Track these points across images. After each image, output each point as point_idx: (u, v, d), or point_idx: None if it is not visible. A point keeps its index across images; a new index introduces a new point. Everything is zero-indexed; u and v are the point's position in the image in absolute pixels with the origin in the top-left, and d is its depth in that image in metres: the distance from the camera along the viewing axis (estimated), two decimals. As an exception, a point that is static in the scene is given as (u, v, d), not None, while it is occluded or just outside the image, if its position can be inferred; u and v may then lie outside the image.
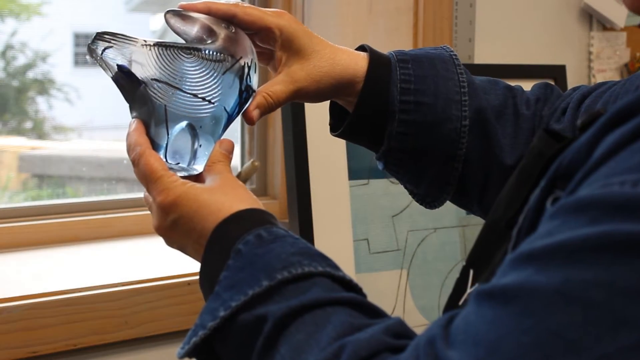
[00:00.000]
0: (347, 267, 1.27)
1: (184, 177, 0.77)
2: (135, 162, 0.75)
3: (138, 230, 1.48)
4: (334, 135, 0.90)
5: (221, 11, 0.81)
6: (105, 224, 1.47)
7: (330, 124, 0.91)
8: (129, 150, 0.77)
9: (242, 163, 1.62)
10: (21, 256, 1.35)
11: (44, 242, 1.41)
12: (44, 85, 3.12)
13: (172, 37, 0.85)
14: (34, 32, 2.89)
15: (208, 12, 0.81)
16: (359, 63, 0.85)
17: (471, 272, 0.67)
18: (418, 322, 1.33)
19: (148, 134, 0.77)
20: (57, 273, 1.26)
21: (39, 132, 2.95)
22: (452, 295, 0.69)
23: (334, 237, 1.27)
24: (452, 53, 0.89)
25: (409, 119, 0.85)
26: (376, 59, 0.86)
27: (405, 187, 0.93)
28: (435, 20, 1.51)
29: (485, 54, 1.61)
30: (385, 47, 0.91)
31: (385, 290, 1.31)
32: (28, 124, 3.00)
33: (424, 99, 0.85)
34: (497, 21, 1.65)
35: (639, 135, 0.47)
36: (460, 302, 0.67)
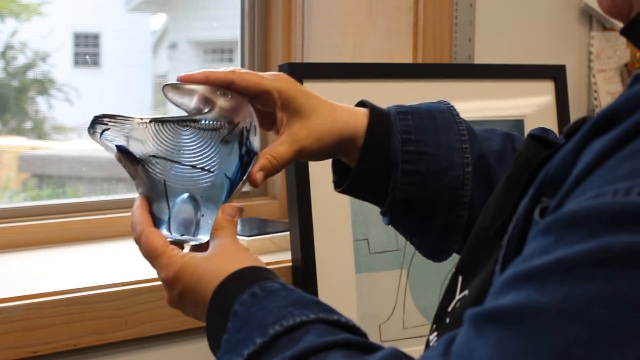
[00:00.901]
0: (347, 267, 1.27)
1: (193, 247, 0.80)
2: (137, 241, 0.79)
3: (138, 230, 1.48)
4: (338, 192, 0.91)
5: (219, 79, 0.82)
6: (105, 224, 1.47)
7: (334, 181, 0.92)
8: (132, 229, 0.80)
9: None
10: (21, 256, 1.35)
11: (44, 242, 1.41)
12: (44, 85, 3.12)
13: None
14: (34, 32, 2.89)
15: (206, 81, 0.82)
16: (359, 119, 0.86)
17: (460, 278, 0.67)
18: (418, 322, 1.33)
19: (151, 209, 0.79)
20: (57, 273, 1.26)
21: (39, 132, 2.95)
22: (441, 302, 0.69)
23: (334, 237, 1.27)
24: (449, 105, 0.90)
25: (412, 169, 0.85)
26: (376, 113, 0.87)
27: (412, 242, 0.93)
28: (435, 20, 1.51)
29: (485, 54, 1.61)
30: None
31: (385, 290, 1.31)
32: (28, 124, 3.00)
33: (426, 149, 0.85)
34: (497, 21, 1.65)
35: (625, 143, 0.47)
36: (449, 309, 0.67)
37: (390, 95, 1.31)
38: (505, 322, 0.45)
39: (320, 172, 1.24)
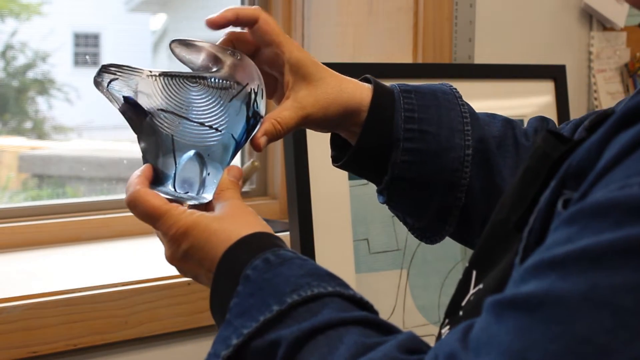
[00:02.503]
0: (347, 267, 1.27)
1: (192, 206, 0.78)
2: (132, 205, 0.75)
3: (138, 230, 1.48)
4: (336, 166, 0.90)
5: (247, 15, 0.81)
6: (105, 224, 1.47)
7: (332, 156, 0.91)
8: (126, 191, 0.77)
9: (243, 163, 1.62)
10: (21, 256, 1.35)
11: (44, 242, 1.41)
12: (44, 85, 3.12)
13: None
14: (34, 32, 2.89)
15: (236, 18, 0.81)
16: (364, 92, 0.86)
17: (474, 272, 0.67)
18: (418, 322, 1.33)
19: (156, 164, 0.78)
20: (57, 273, 1.26)
21: (39, 132, 2.95)
22: (454, 296, 0.69)
23: (334, 237, 1.27)
24: (452, 87, 0.90)
25: (413, 147, 0.85)
26: (380, 89, 0.87)
27: (405, 223, 0.92)
28: (435, 20, 1.51)
29: (485, 54, 1.61)
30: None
31: (385, 290, 1.31)
32: (28, 124, 3.00)
33: (428, 128, 0.85)
34: (497, 21, 1.65)
35: None
36: (463, 303, 0.67)
37: (390, 95, 1.31)
38: (526, 308, 0.45)
39: (321, 172, 1.24)
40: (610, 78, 1.84)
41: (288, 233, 1.26)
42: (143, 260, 1.34)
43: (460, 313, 0.66)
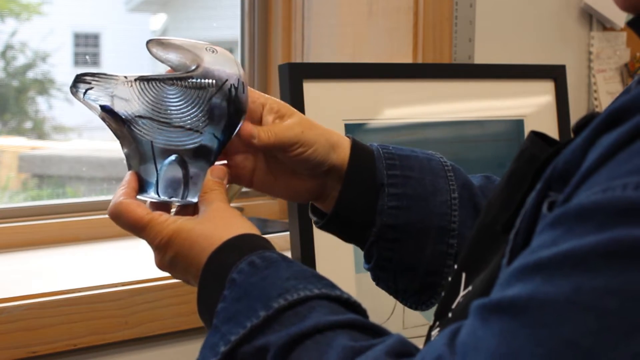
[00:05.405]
0: (347, 267, 1.27)
1: (181, 205, 0.78)
2: (114, 217, 0.75)
3: (138, 230, 1.48)
4: (319, 228, 0.88)
5: None
6: (105, 224, 1.47)
7: (314, 222, 0.90)
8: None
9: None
10: (21, 256, 1.36)
11: (44, 242, 1.41)
12: (44, 85, 3.12)
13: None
14: (34, 32, 2.89)
15: None
16: (345, 142, 0.84)
17: (463, 275, 0.67)
18: (418, 321, 1.33)
19: (138, 171, 0.78)
20: (57, 273, 1.26)
21: (39, 132, 2.95)
22: (444, 298, 0.69)
23: (334, 237, 1.27)
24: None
25: (398, 192, 0.84)
26: (357, 141, 0.85)
27: (397, 291, 0.89)
28: (435, 20, 1.51)
29: (485, 54, 1.61)
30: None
31: (385, 290, 1.31)
32: (28, 124, 3.00)
33: (411, 174, 0.84)
34: (497, 21, 1.65)
35: (636, 137, 0.47)
36: (453, 306, 0.67)
37: (390, 95, 1.31)
38: (512, 312, 0.45)
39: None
40: (610, 78, 1.84)
41: (288, 233, 1.26)
42: (143, 260, 1.34)
43: (450, 315, 0.66)
